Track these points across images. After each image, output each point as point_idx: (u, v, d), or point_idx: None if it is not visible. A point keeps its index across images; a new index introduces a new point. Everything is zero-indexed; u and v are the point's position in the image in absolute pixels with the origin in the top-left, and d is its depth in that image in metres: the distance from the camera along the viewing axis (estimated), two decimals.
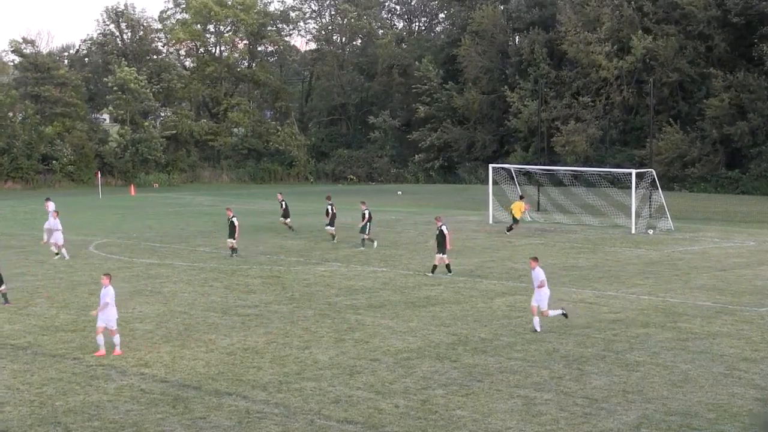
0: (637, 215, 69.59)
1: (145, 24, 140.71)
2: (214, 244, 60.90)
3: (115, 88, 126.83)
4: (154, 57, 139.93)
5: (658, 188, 73.19)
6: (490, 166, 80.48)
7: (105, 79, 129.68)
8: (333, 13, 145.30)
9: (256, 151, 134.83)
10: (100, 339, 31.99)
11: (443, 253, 47.30)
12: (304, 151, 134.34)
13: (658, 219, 70.94)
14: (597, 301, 41.85)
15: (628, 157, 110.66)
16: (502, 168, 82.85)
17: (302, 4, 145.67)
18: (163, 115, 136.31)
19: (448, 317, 38.26)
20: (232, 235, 55.09)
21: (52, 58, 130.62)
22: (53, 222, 54.44)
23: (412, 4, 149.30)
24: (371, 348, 32.92)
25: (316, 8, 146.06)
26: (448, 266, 47.76)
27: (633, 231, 67.86)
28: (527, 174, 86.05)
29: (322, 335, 35.01)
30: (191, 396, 27.27)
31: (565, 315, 35.95)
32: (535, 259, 36.11)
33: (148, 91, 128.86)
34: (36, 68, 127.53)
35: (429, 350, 32.64)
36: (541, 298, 34.99)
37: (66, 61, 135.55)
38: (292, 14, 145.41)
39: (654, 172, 74.31)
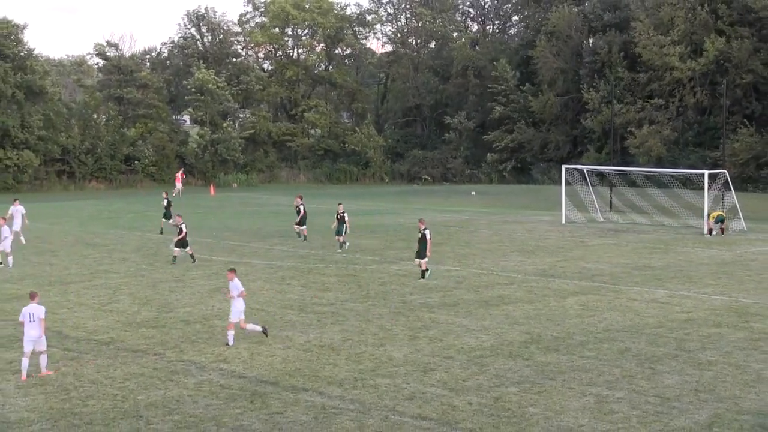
0: (709, 215, 68.85)
1: (224, 27, 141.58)
2: (291, 243, 61.09)
3: (194, 90, 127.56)
4: (234, 60, 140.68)
5: (731, 189, 72.51)
6: (563, 166, 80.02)
7: (185, 81, 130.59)
8: (408, 16, 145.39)
9: (332, 151, 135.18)
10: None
11: (422, 258, 46.39)
12: (380, 152, 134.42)
13: (731, 219, 70.26)
14: (669, 301, 41.49)
15: (702, 159, 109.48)
16: (575, 169, 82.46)
17: (378, 7, 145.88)
18: (241, 116, 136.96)
19: (521, 316, 38.11)
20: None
21: (135, 61, 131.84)
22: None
23: (486, 7, 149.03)
24: (445, 346, 32.86)
25: (392, 12, 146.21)
26: (423, 272, 46.58)
27: (705, 231, 67.22)
28: (600, 175, 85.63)
29: (396, 333, 35.00)
30: (269, 391, 27.35)
31: (265, 333, 34.25)
32: (233, 270, 34.98)
33: (227, 93, 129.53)
34: (119, 71, 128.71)
35: (502, 348, 32.53)
36: (239, 310, 33.83)
37: (148, 63, 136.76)
38: (369, 17, 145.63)
39: (727, 173, 73.65)
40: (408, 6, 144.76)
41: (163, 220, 66.44)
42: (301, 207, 62.65)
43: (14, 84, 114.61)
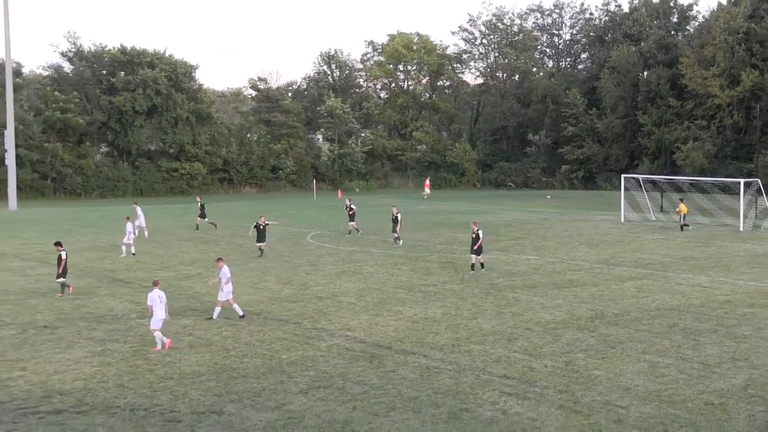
0: (744, 216, 67.82)
1: (350, 64, 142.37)
2: (402, 236, 61.16)
3: (326, 114, 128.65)
4: (356, 90, 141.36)
5: (762, 195, 71.17)
6: (623, 175, 79.16)
7: (318, 107, 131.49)
8: (497, 55, 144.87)
9: (435, 163, 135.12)
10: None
11: (478, 254, 44.69)
12: (473, 164, 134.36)
13: (763, 219, 69.09)
14: (710, 286, 40.80)
15: (738, 169, 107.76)
16: (632, 177, 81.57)
17: (472, 47, 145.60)
18: (362, 135, 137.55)
19: (587, 296, 37.76)
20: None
21: (280, 92, 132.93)
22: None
23: (560, 46, 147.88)
24: (525, 319, 32.69)
25: (483, 51, 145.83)
26: (482, 264, 44.82)
27: (741, 229, 66.05)
28: (652, 182, 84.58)
29: (486, 308, 34.88)
30: (384, 354, 27.41)
31: (242, 317, 33.15)
32: (221, 259, 33.91)
33: (351, 116, 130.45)
34: (268, 100, 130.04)
35: (572, 322, 32.27)
36: (228, 291, 32.96)
37: (290, 93, 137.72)
38: (465, 56, 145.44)
39: (759, 182, 72.41)
40: (496, 46, 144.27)
41: (199, 218, 66.17)
42: (351, 207, 62.10)
43: (188, 110, 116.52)
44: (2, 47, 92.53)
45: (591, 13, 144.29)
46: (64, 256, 38.08)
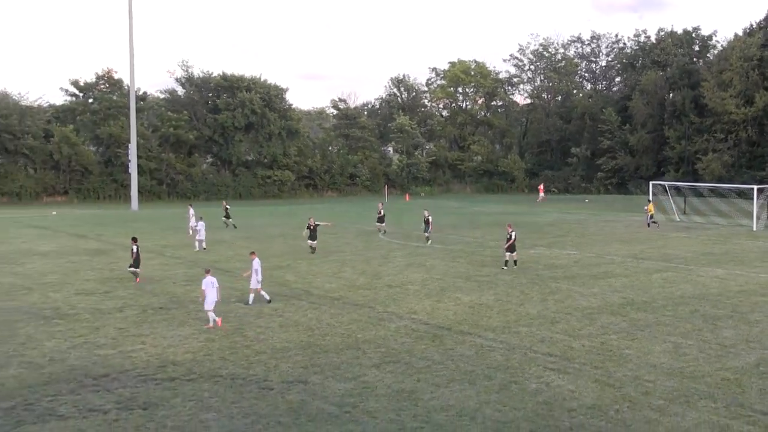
0: (758, 218, 66.80)
1: (416, 87, 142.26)
2: (459, 234, 61.05)
3: (396, 130, 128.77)
4: (422, 109, 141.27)
5: None
6: (651, 182, 78.50)
7: (390, 124, 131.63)
8: (542, 78, 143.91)
9: (489, 171, 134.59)
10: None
11: (511, 252, 43.13)
12: (522, 172, 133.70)
13: None
14: (727, 277, 40.21)
15: (752, 177, 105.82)
16: (659, 184, 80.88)
17: (521, 72, 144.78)
18: (427, 147, 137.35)
19: (620, 286, 37.42)
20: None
21: (357, 111, 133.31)
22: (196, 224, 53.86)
23: (597, 71, 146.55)
24: (565, 306, 32.50)
25: (531, 75, 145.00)
26: (515, 261, 43.38)
27: (754, 228, 65.00)
28: (676, 188, 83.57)
29: (532, 296, 34.74)
30: (444, 334, 27.43)
31: (269, 301, 33.08)
32: (253, 253, 33.73)
33: (417, 131, 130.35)
34: (346, 117, 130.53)
35: (606, 308, 32.03)
36: (258, 280, 32.70)
37: (365, 112, 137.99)
38: (515, 80, 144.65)
39: None
40: (542, 71, 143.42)
41: (224, 219, 65.30)
42: (382, 210, 61.35)
43: (279, 127, 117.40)
44: (128, 76, 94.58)
45: (624, 43, 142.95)
46: (135, 250, 38.35)
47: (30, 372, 23.13)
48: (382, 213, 60.78)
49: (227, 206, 67.89)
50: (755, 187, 69.96)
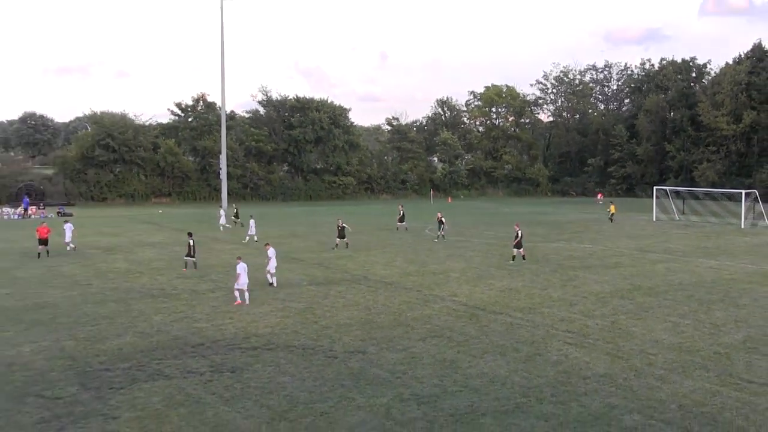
0: (745, 217, 65.72)
1: (457, 107, 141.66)
2: (493, 230, 60.77)
3: (440, 143, 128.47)
4: (462, 125, 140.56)
5: (759, 202, 69.15)
6: (655, 187, 77.65)
7: (435, 138, 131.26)
8: (563, 100, 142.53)
9: (517, 178, 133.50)
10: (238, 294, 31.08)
11: (518, 248, 41.62)
12: (545, 178, 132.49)
13: (759, 220, 66.84)
14: (719, 267, 39.57)
15: (740, 183, 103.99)
16: (662, 188, 79.84)
17: (545, 95, 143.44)
18: (466, 157, 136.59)
19: (628, 274, 37.02)
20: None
21: (408, 127, 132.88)
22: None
23: (609, 94, 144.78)
24: (582, 291, 32.25)
25: (553, 97, 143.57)
26: (523, 256, 41.68)
27: (742, 226, 63.87)
28: (676, 192, 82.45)
29: (554, 282, 34.52)
30: (480, 314, 27.39)
31: (271, 284, 32.81)
32: (268, 244, 33.99)
33: (458, 144, 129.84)
34: (399, 132, 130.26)
35: (616, 293, 31.73)
36: (274, 265, 32.85)
37: (414, 128, 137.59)
38: (539, 101, 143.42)
39: (756, 192, 70.90)
40: (562, 94, 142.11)
41: (233, 218, 64.07)
42: (402, 211, 60.77)
43: (343, 140, 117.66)
44: (219, 99, 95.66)
45: (632, 70, 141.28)
46: (192, 243, 38.40)
47: (141, 340, 23.58)
48: (402, 213, 60.61)
49: (237, 208, 67.60)
50: (743, 191, 69.32)
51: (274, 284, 32.99)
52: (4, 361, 21.25)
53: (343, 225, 48.67)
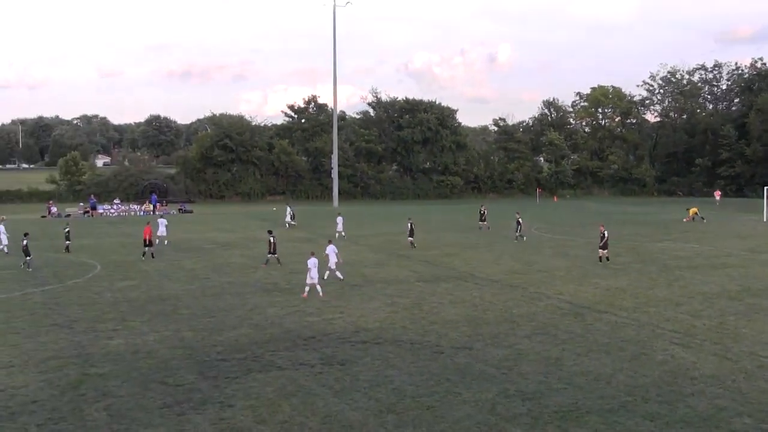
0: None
1: (563, 108, 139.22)
2: (598, 229, 59.26)
3: (547, 143, 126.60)
4: (568, 126, 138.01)
5: None
6: (765, 188, 74.03)
7: (541, 138, 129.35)
8: (670, 100, 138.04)
9: (623, 178, 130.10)
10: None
11: (604, 249, 39.92)
12: (652, 179, 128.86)
13: None
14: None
15: None
16: None
17: (652, 96, 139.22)
18: (572, 157, 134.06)
19: (737, 275, 35.51)
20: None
21: (514, 128, 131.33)
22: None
23: (718, 94, 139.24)
24: (688, 291, 31.17)
25: (660, 98, 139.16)
26: (607, 257, 39.83)
27: None
28: None
29: (659, 282, 33.50)
30: (584, 312, 26.86)
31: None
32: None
33: (564, 144, 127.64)
34: (505, 133, 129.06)
35: (724, 294, 30.53)
36: (334, 261, 33.31)
37: (521, 129, 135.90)
38: (646, 101, 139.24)
39: None
40: (670, 94, 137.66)
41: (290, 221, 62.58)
42: (485, 211, 59.59)
43: (450, 141, 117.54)
44: (330, 100, 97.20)
45: (742, 70, 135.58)
46: (273, 240, 38.95)
47: (256, 332, 24.18)
48: (483, 212, 59.68)
49: (293, 212, 65.59)
50: None
51: (341, 277, 33.37)
52: (130, 348, 22.21)
53: (413, 226, 47.67)
